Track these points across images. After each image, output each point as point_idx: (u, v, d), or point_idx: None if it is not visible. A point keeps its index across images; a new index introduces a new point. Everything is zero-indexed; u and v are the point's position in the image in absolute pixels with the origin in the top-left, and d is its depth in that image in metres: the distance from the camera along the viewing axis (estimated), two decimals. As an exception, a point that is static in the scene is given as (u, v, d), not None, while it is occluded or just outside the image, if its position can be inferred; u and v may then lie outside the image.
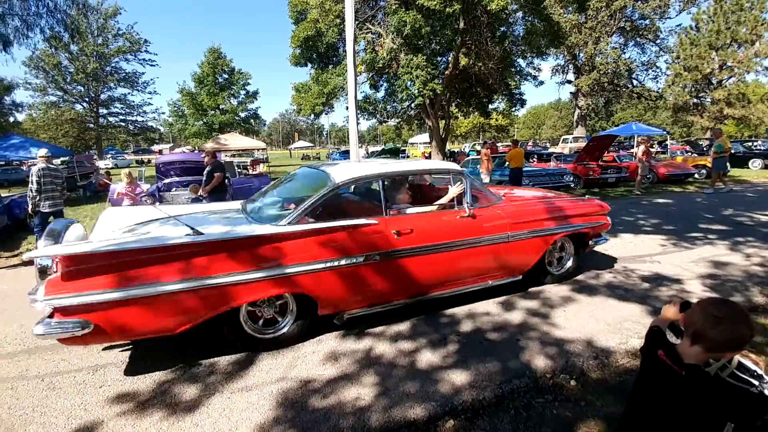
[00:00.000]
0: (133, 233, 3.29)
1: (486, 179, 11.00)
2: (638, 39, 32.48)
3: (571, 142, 28.67)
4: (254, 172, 18.72)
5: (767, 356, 2.84)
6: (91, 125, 39.15)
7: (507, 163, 10.70)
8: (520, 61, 21.58)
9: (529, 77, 21.00)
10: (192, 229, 2.87)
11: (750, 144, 19.91)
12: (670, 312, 1.56)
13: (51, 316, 2.55)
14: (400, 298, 3.47)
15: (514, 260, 3.90)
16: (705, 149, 19.35)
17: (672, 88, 28.97)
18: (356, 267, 3.16)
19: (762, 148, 18.47)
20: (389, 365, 2.90)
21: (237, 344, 3.07)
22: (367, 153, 19.45)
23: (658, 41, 31.93)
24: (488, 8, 14.43)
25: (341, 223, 3.19)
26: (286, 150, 69.69)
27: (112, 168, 28.92)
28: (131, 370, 2.94)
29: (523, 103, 21.73)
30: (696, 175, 13.96)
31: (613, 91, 33.39)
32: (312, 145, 73.55)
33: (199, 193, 7.04)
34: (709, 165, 13.87)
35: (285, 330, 3.18)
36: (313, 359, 3.02)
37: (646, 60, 33.12)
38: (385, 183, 3.58)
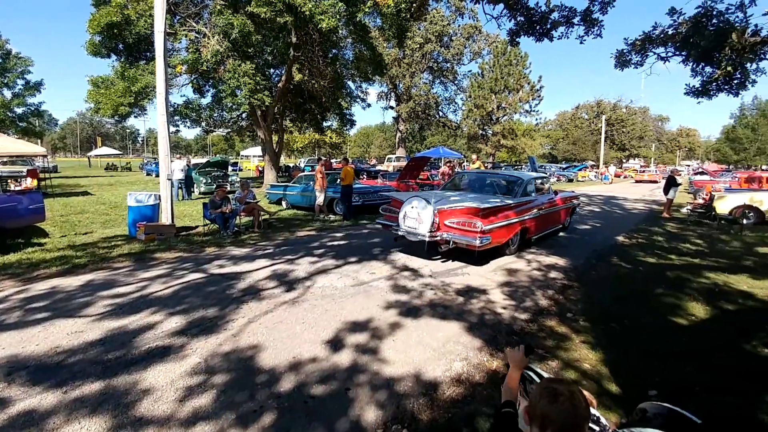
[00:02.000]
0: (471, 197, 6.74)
1: (321, 197, 10.75)
2: (442, 78, 38.99)
3: (394, 161, 31.74)
4: (19, 188, 13.72)
5: (560, 359, 3.24)
6: None
7: (339, 180, 10.74)
8: (350, 83, 22.79)
9: (358, 99, 22.30)
10: (494, 199, 6.66)
11: (518, 168, 25.98)
12: (517, 358, 1.59)
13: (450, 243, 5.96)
14: (543, 230, 7.67)
15: (563, 216, 8.70)
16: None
17: (466, 121, 35.70)
18: (536, 216, 7.11)
19: (526, 171, 24.34)
20: (176, 470, 2.07)
21: (513, 252, 6.84)
22: (189, 165, 16.80)
23: (457, 82, 39.14)
24: (319, 26, 14.51)
25: (532, 198, 7.30)
26: (86, 158, 55.16)
27: None
28: None
29: (352, 123, 22.83)
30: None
31: (426, 119, 39.04)
32: (121, 152, 60.67)
33: None
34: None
35: (514, 247, 6.83)
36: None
37: (448, 96, 40.11)
38: (536, 181, 7.80)
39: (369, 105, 22.34)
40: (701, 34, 6.25)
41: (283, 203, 13.85)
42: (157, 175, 29.89)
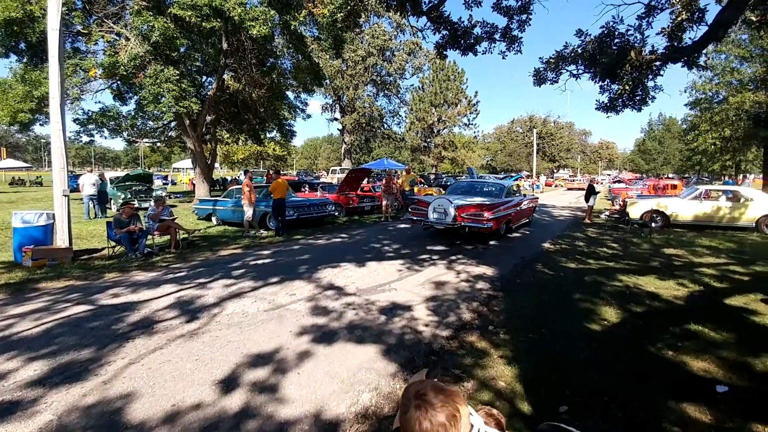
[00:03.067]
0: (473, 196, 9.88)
1: (249, 211, 10.09)
2: (386, 91, 39.55)
3: (338, 173, 31.48)
4: None
5: (476, 379, 3.06)
6: None
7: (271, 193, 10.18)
8: (290, 94, 22.20)
9: (297, 110, 21.72)
10: (490, 198, 9.55)
11: (459, 178, 26.79)
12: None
13: (467, 228, 8.62)
14: (519, 221, 10.56)
15: (530, 211, 11.66)
16: (432, 182, 24.68)
17: (409, 133, 36.33)
18: (515, 211, 9.97)
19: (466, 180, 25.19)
20: None
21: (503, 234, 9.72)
22: (102, 179, 15.15)
23: (400, 95, 39.88)
24: (251, 33, 13.98)
25: (511, 198, 10.09)
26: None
27: None
28: None
29: (292, 134, 22.22)
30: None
31: (370, 131, 39.24)
32: (31, 165, 54.06)
33: None
34: (435, 194, 17.51)
35: (503, 231, 9.55)
36: None
37: (392, 109, 40.71)
38: (514, 187, 11.44)
39: (309, 116, 21.89)
40: (605, 52, 6.73)
41: (213, 219, 12.92)
42: (73, 191, 27.15)
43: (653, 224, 11.31)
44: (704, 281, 5.72)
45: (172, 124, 21.53)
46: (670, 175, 53.04)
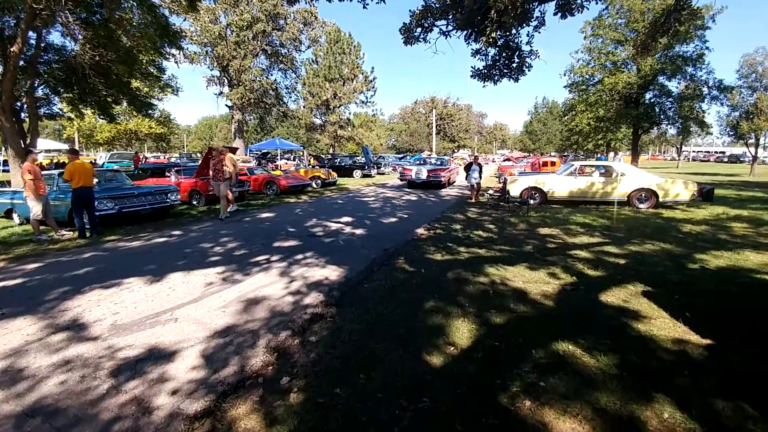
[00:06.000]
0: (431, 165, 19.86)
1: (35, 207, 7.23)
2: (281, 64, 35.93)
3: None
4: None
5: None
6: None
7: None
8: (142, 57, 18.07)
9: (151, 77, 17.80)
10: (441, 166, 18.74)
11: (353, 159, 25.39)
12: None
13: (432, 181, 17.11)
14: (452, 181, 20.01)
15: (456, 174, 21.00)
16: (325, 162, 22.85)
17: (303, 111, 33.68)
18: (452, 173, 19.83)
19: (361, 161, 23.82)
20: None
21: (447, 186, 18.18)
22: None
23: (296, 69, 36.60)
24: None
25: (449, 166, 20.28)
26: None
27: None
28: None
29: (149, 107, 18.33)
30: (314, 185, 15.65)
31: (264, 108, 35.52)
32: None
33: None
34: (323, 176, 15.81)
35: (448, 185, 18.73)
36: None
37: (288, 84, 37.28)
38: (447, 160, 23.07)
39: (168, 85, 18.06)
40: (469, -4, 5.62)
41: (15, 217, 9.63)
42: None
43: (531, 201, 11.18)
44: (578, 268, 5.00)
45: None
46: (552, 154, 58.85)
